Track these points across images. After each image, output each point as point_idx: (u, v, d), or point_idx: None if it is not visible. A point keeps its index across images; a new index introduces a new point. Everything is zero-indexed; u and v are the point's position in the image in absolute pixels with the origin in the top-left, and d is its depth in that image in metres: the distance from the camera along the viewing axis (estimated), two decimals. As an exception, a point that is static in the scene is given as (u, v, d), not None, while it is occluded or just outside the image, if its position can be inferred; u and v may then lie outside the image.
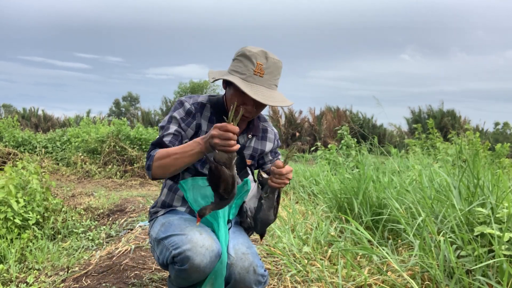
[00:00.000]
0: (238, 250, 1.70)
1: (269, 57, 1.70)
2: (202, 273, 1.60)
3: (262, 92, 1.67)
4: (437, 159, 6.10)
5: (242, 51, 1.71)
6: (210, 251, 1.59)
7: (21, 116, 32.52)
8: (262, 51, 1.70)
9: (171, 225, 1.70)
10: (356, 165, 5.66)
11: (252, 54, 1.68)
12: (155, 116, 33.96)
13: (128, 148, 8.57)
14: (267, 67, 1.69)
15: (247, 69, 1.68)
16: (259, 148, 1.95)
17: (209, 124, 1.83)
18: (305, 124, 26.97)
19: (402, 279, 2.17)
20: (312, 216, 3.62)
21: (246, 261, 1.67)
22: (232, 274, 1.66)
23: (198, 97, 1.87)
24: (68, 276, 2.68)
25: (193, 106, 1.82)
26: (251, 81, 1.67)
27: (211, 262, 1.59)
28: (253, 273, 1.67)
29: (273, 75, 1.72)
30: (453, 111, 26.62)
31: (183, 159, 1.62)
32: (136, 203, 4.98)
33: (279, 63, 1.74)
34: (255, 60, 1.68)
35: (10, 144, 9.24)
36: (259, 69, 1.68)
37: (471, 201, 2.42)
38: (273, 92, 1.71)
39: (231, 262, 1.66)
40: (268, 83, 1.70)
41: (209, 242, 1.60)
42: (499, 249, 1.93)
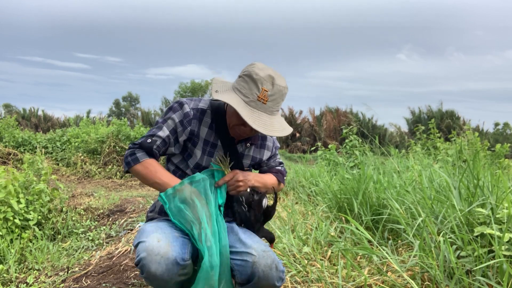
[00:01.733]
0: (258, 248, 1.70)
1: (276, 83, 1.65)
2: (162, 281, 1.59)
3: (263, 120, 1.64)
4: (437, 159, 6.10)
5: (249, 72, 1.66)
6: (165, 258, 1.56)
7: (21, 116, 32.54)
8: (270, 76, 1.65)
9: (143, 232, 1.69)
10: (357, 165, 5.67)
11: (258, 79, 1.63)
12: (155, 116, 33.97)
13: (128, 148, 8.58)
14: (272, 94, 1.65)
15: (251, 92, 1.64)
16: (257, 156, 1.95)
17: (209, 130, 1.81)
18: (305, 125, 26.98)
19: (402, 280, 2.17)
20: (312, 216, 3.62)
21: (269, 258, 1.68)
22: (256, 271, 1.65)
23: (199, 102, 1.83)
24: (68, 277, 2.68)
25: (192, 111, 1.79)
26: (254, 106, 1.64)
27: (167, 269, 1.56)
28: (276, 269, 1.68)
29: (276, 102, 1.68)
30: (452, 112, 26.67)
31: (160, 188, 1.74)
32: (136, 203, 4.99)
33: (284, 90, 1.69)
34: (260, 86, 1.63)
35: (10, 144, 9.25)
36: (263, 96, 1.64)
37: (471, 201, 2.42)
38: (274, 119, 1.68)
39: (254, 260, 1.66)
40: (270, 110, 1.66)
41: (164, 250, 1.57)
42: (499, 249, 1.93)
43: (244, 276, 1.67)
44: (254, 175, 1.86)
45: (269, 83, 1.64)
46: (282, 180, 2.03)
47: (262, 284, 1.66)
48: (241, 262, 1.68)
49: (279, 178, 2.01)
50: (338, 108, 27.78)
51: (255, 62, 1.71)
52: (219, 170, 1.77)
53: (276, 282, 1.69)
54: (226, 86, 1.73)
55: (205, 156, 1.82)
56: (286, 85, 1.70)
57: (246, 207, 1.80)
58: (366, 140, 6.19)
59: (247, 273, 1.66)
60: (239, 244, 1.73)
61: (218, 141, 1.82)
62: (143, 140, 1.78)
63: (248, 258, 1.66)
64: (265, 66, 1.70)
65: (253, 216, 1.81)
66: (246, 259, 1.67)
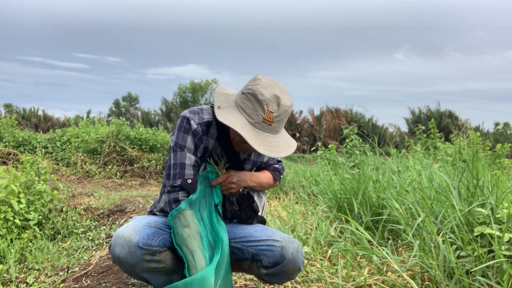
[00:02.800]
0: (282, 235, 1.78)
1: (281, 104, 1.61)
2: (127, 264, 1.65)
3: (269, 141, 1.61)
4: (436, 159, 6.10)
5: (254, 92, 1.60)
6: (128, 241, 1.63)
7: (21, 116, 32.55)
8: (275, 97, 1.60)
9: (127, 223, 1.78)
10: (357, 165, 5.67)
11: (264, 100, 1.58)
12: (155, 116, 33.97)
13: (128, 148, 8.57)
14: (278, 115, 1.61)
15: (256, 114, 1.59)
16: (258, 160, 1.98)
17: (216, 142, 1.79)
18: (305, 125, 26.98)
19: (402, 279, 2.17)
20: (312, 216, 3.62)
21: (295, 242, 1.77)
22: (286, 254, 1.73)
23: (203, 114, 1.77)
24: (68, 276, 2.68)
25: (199, 127, 1.74)
26: (259, 128, 1.60)
27: (130, 252, 1.63)
28: (301, 253, 1.78)
29: (282, 122, 1.65)
30: (451, 112, 26.68)
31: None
32: (136, 203, 4.99)
33: (289, 109, 1.65)
34: (266, 107, 1.58)
35: (10, 144, 9.24)
36: (269, 117, 1.60)
37: (471, 201, 2.42)
38: (279, 138, 1.66)
39: (282, 245, 1.74)
40: (275, 130, 1.64)
41: (128, 233, 1.65)
42: (499, 249, 1.93)
43: (273, 259, 1.74)
44: (250, 175, 1.89)
45: (274, 104, 1.60)
46: (278, 178, 2.05)
47: (289, 266, 1.75)
48: (268, 247, 1.75)
49: (275, 176, 2.03)
50: (338, 108, 27.79)
51: (259, 77, 1.66)
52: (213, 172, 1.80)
53: (301, 265, 1.78)
54: (229, 101, 1.67)
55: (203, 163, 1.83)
56: (291, 103, 1.66)
57: (237, 206, 1.86)
58: (366, 140, 6.19)
59: (276, 256, 1.74)
60: (258, 234, 1.80)
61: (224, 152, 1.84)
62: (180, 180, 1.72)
63: (275, 244, 1.75)
64: (270, 82, 1.64)
65: (245, 215, 1.88)
66: (274, 244, 1.75)
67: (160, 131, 9.67)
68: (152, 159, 8.51)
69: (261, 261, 1.77)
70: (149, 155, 8.61)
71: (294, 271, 1.78)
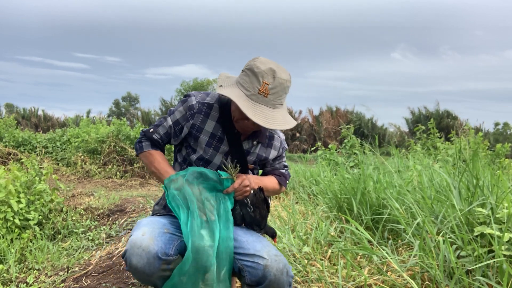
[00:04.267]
0: (270, 252, 1.70)
1: (277, 76, 1.65)
2: (143, 274, 1.61)
3: (265, 113, 1.64)
4: (437, 159, 6.10)
5: (251, 66, 1.67)
6: (147, 252, 1.59)
7: (21, 116, 32.55)
8: (271, 69, 1.65)
9: (137, 225, 1.73)
10: (357, 164, 5.67)
11: (259, 72, 1.64)
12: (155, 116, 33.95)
13: (128, 148, 8.57)
14: (273, 87, 1.65)
15: (252, 86, 1.64)
16: (263, 155, 1.93)
17: (217, 124, 1.82)
18: (305, 124, 26.98)
19: (402, 279, 2.17)
20: (312, 216, 3.62)
21: (281, 263, 1.68)
22: (268, 275, 1.65)
23: (206, 96, 1.86)
24: (68, 276, 2.68)
25: (197, 105, 1.82)
26: (255, 99, 1.64)
27: (148, 263, 1.59)
28: (286, 274, 1.68)
29: (278, 95, 1.67)
30: (450, 112, 26.68)
31: (157, 176, 1.87)
32: (136, 203, 4.99)
33: (286, 83, 1.69)
34: (261, 79, 1.64)
35: (10, 144, 9.24)
36: (264, 89, 1.64)
37: (471, 201, 2.42)
38: (276, 112, 1.68)
39: (266, 264, 1.66)
40: (272, 103, 1.66)
41: (146, 243, 1.60)
42: (499, 249, 1.93)
43: (255, 278, 1.67)
44: (255, 178, 1.86)
45: (270, 76, 1.64)
46: (284, 183, 2.02)
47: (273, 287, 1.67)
48: (252, 264, 1.68)
49: (281, 181, 2.00)
50: (338, 107, 27.79)
51: (258, 57, 1.71)
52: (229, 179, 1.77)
53: (286, 287, 1.69)
54: (231, 81, 1.74)
55: (210, 149, 1.83)
56: (288, 78, 1.70)
57: (251, 208, 1.81)
58: (366, 140, 6.19)
59: (258, 275, 1.66)
60: (248, 246, 1.73)
61: (225, 136, 1.83)
62: (147, 130, 1.89)
63: (259, 261, 1.67)
64: (267, 60, 1.70)
65: (259, 215, 1.82)
66: (258, 261, 1.67)
67: None
68: (152, 159, 8.51)
69: (244, 277, 1.70)
70: (149, 155, 8.60)
71: None
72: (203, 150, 1.83)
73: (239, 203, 1.82)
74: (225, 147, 1.84)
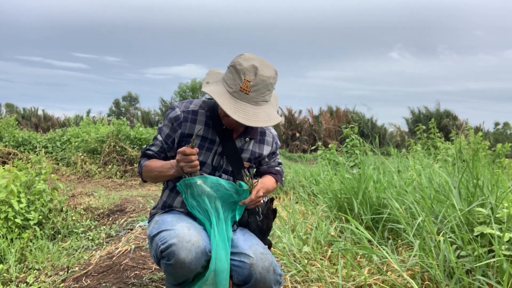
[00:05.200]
0: (257, 250, 1.70)
1: (258, 73, 1.64)
2: (187, 269, 1.60)
3: (246, 110, 1.63)
4: (437, 159, 6.10)
5: (235, 63, 1.67)
6: (196, 247, 1.59)
7: (21, 116, 32.55)
8: (253, 66, 1.64)
9: (163, 222, 1.72)
10: (357, 164, 5.66)
11: (241, 69, 1.64)
12: (155, 116, 33.94)
13: (128, 148, 8.57)
14: (254, 84, 1.64)
15: (235, 83, 1.65)
16: (257, 151, 1.94)
17: (206, 127, 1.84)
18: (305, 124, 26.97)
19: (402, 279, 2.17)
20: (312, 216, 3.62)
21: (267, 261, 1.67)
22: (253, 273, 1.65)
23: (190, 104, 1.88)
24: (68, 276, 2.68)
25: (182, 114, 1.84)
26: (237, 97, 1.65)
27: (196, 258, 1.59)
28: (273, 273, 1.68)
29: (260, 92, 1.66)
30: (449, 112, 26.67)
31: (162, 177, 1.85)
32: (136, 203, 4.99)
33: (268, 80, 1.67)
34: (243, 76, 1.64)
35: (10, 144, 9.24)
36: (245, 86, 1.64)
37: (471, 201, 2.42)
38: (259, 109, 1.66)
39: (251, 262, 1.65)
40: (254, 100, 1.66)
41: (195, 238, 1.60)
42: (499, 249, 1.93)
43: (241, 277, 1.67)
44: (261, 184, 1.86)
45: (251, 73, 1.64)
46: (280, 181, 2.06)
47: (259, 286, 1.66)
48: (238, 263, 1.68)
49: (277, 179, 2.03)
50: (338, 107, 27.76)
51: (244, 53, 1.72)
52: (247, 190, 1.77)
53: (273, 285, 1.68)
54: (218, 78, 1.76)
55: (203, 151, 1.84)
56: (272, 74, 1.68)
57: (261, 216, 1.83)
58: (366, 139, 6.19)
59: (244, 274, 1.66)
60: (239, 244, 1.74)
61: (216, 137, 1.84)
62: (143, 150, 1.94)
63: (245, 260, 1.67)
64: (252, 56, 1.70)
65: (266, 225, 1.85)
66: (244, 260, 1.67)
67: None
68: (152, 159, 8.51)
69: (232, 277, 1.70)
70: (149, 155, 8.60)
71: None
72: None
73: (248, 211, 1.83)
74: (217, 147, 1.85)
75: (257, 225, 1.85)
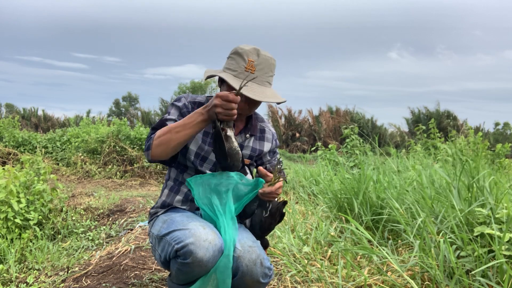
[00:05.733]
0: (245, 244, 1.70)
1: (261, 54, 1.73)
2: (204, 267, 1.60)
3: (253, 88, 1.69)
4: (437, 159, 6.09)
5: (235, 49, 1.76)
6: (213, 245, 1.59)
7: (21, 116, 32.55)
8: (254, 49, 1.74)
9: (173, 222, 1.71)
10: (357, 164, 5.67)
11: (244, 51, 1.73)
12: (155, 116, 33.92)
13: (128, 148, 8.57)
14: (259, 63, 1.73)
15: (238, 66, 1.72)
16: (257, 148, 1.96)
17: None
18: (304, 125, 26.96)
19: (402, 279, 2.17)
20: (312, 216, 3.62)
21: (253, 253, 1.67)
22: (240, 266, 1.65)
23: (196, 97, 1.90)
24: (68, 276, 2.68)
25: (189, 105, 1.84)
26: (242, 77, 1.71)
27: (213, 256, 1.59)
28: (260, 265, 1.67)
29: (264, 71, 1.74)
30: (449, 112, 26.69)
31: (185, 131, 1.63)
32: (136, 203, 4.99)
33: (271, 60, 1.76)
34: (246, 57, 1.72)
35: (10, 144, 9.24)
36: (250, 66, 1.72)
37: (471, 201, 2.42)
38: (265, 89, 1.74)
39: (238, 254, 1.65)
40: (259, 80, 1.73)
41: (212, 236, 1.60)
42: (499, 249, 1.93)
43: None
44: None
45: (254, 54, 1.73)
46: (284, 179, 2.05)
47: (246, 279, 1.66)
48: None
49: (282, 177, 2.02)
50: (338, 107, 27.75)
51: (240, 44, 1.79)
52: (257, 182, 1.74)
53: (261, 278, 1.67)
54: (217, 71, 1.82)
55: (205, 146, 1.84)
56: (272, 57, 1.78)
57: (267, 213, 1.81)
58: (366, 140, 6.19)
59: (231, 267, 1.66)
60: None
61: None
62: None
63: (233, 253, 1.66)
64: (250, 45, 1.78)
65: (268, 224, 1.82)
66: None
67: None
68: (152, 159, 8.50)
69: None
70: (149, 155, 8.59)
71: (254, 284, 1.67)
72: (198, 147, 1.84)
73: (259, 202, 1.81)
74: None
75: (261, 220, 1.83)
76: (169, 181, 1.94)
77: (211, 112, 1.59)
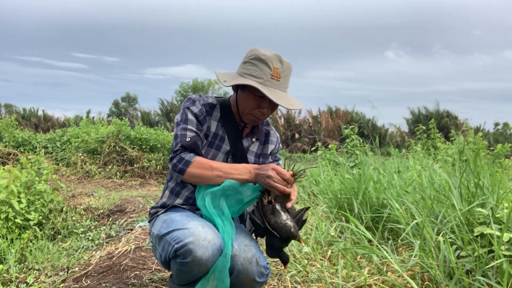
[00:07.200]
0: (241, 242, 1.70)
1: (283, 60, 1.73)
2: (204, 267, 1.60)
3: (281, 96, 1.70)
4: (437, 159, 6.10)
5: (256, 55, 1.72)
6: (212, 244, 1.59)
7: (21, 116, 32.56)
8: (276, 55, 1.73)
9: (173, 221, 1.71)
10: (357, 164, 5.66)
11: (267, 58, 1.70)
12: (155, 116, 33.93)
13: (128, 148, 8.57)
14: (283, 70, 1.73)
15: (263, 73, 1.70)
16: (261, 153, 1.97)
17: (218, 124, 1.84)
18: (305, 125, 26.97)
19: (402, 279, 2.17)
20: (312, 216, 3.62)
21: (249, 252, 1.67)
22: (235, 265, 1.65)
23: (207, 98, 1.87)
24: (68, 277, 2.68)
25: (204, 108, 1.82)
26: (269, 85, 1.69)
27: (213, 255, 1.59)
28: (256, 264, 1.66)
29: (287, 78, 1.76)
30: (449, 112, 26.71)
31: (224, 179, 1.68)
32: (136, 203, 4.99)
33: (290, 66, 1.77)
34: (271, 64, 1.70)
35: (10, 144, 9.24)
36: (276, 73, 1.71)
37: (471, 201, 2.42)
38: (288, 95, 1.75)
39: (234, 253, 1.65)
40: (283, 87, 1.74)
41: (211, 235, 1.60)
42: (499, 249, 1.93)
43: None
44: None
45: (278, 61, 1.72)
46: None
47: (242, 278, 1.66)
48: None
49: None
50: (338, 107, 27.75)
51: (255, 47, 1.77)
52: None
53: (257, 277, 1.67)
54: (232, 76, 1.78)
55: (212, 149, 1.84)
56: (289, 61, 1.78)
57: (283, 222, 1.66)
58: (366, 140, 6.19)
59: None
60: None
61: (226, 135, 1.85)
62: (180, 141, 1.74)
63: None
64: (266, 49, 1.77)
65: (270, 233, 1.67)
66: None
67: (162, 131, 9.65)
68: (152, 159, 8.51)
69: None
70: (149, 155, 8.60)
71: (250, 283, 1.67)
72: (204, 151, 1.83)
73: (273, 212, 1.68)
74: (226, 146, 1.85)
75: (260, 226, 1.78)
76: (170, 182, 1.93)
77: (261, 179, 1.64)
